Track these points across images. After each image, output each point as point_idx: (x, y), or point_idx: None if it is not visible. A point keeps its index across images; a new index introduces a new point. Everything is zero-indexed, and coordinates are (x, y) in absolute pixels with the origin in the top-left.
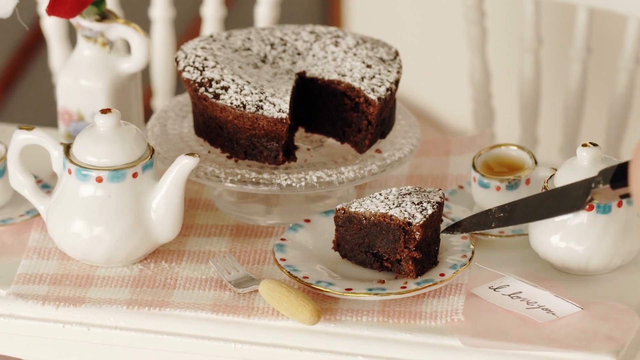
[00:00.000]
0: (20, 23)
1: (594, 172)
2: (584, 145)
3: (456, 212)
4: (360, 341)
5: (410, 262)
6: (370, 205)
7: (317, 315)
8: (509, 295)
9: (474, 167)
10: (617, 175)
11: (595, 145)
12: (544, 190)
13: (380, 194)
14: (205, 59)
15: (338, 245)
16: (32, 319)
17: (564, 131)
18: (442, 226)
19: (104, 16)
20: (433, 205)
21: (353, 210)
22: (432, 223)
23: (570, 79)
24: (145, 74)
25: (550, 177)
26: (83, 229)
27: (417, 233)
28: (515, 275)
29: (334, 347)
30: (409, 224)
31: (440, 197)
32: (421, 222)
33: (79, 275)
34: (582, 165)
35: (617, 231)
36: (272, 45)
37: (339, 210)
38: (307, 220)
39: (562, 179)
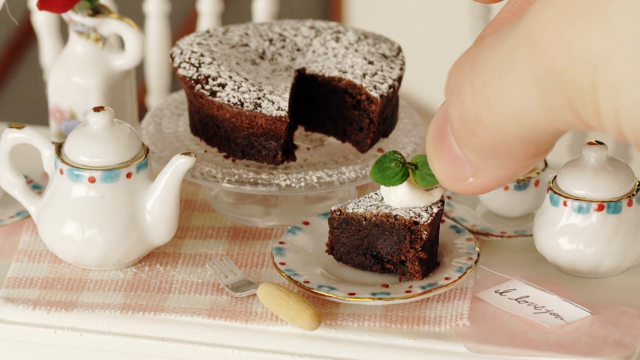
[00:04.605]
0: (10, 18)
1: (599, 172)
2: (590, 143)
3: (458, 211)
4: (362, 347)
5: (417, 263)
6: (370, 206)
7: (317, 320)
8: (516, 300)
9: None
10: None
11: (601, 143)
12: (549, 191)
13: (376, 194)
14: (202, 55)
15: (332, 248)
16: (23, 324)
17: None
18: (444, 226)
19: (97, 11)
20: (437, 204)
21: (351, 211)
22: (437, 222)
23: None
24: (140, 70)
25: (554, 177)
26: (75, 231)
27: (425, 232)
28: (522, 279)
29: (335, 353)
30: (416, 223)
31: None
32: (428, 221)
33: (71, 279)
34: (588, 165)
35: (628, 231)
36: (270, 41)
37: (334, 211)
38: (306, 223)
39: (566, 179)
